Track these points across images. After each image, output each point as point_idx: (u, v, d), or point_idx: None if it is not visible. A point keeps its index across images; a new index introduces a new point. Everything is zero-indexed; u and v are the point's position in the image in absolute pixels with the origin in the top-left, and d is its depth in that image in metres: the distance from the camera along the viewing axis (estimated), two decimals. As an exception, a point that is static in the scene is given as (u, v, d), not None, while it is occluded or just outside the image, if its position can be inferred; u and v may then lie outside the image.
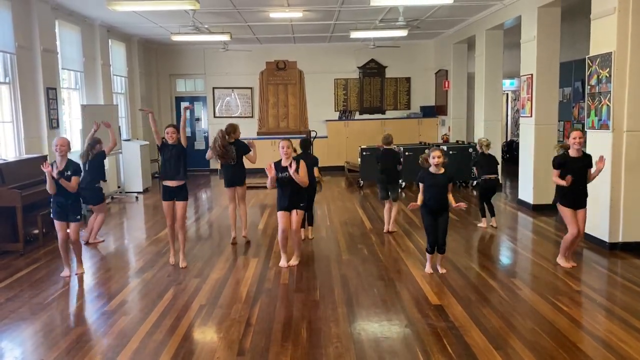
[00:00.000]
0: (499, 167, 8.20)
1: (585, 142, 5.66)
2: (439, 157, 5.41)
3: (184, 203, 6.03)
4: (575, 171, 5.42)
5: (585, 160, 5.57)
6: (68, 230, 5.68)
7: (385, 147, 7.41)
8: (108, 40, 11.41)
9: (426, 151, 5.65)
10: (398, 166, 7.41)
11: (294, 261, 5.96)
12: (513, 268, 5.97)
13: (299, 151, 6.78)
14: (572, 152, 5.51)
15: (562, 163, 5.54)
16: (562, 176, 5.47)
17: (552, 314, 4.46)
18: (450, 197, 5.50)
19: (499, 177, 7.90)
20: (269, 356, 3.81)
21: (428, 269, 5.65)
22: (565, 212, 5.61)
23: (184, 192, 6.01)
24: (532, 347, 3.86)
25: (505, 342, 3.97)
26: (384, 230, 7.47)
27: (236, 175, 7.03)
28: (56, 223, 5.67)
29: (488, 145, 7.69)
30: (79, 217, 5.70)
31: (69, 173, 5.50)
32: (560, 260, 5.77)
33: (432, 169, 5.47)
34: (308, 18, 10.70)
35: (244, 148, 7.04)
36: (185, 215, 6.05)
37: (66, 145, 5.58)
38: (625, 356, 3.72)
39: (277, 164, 5.79)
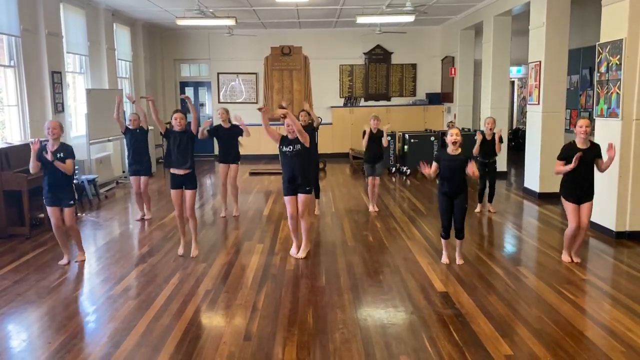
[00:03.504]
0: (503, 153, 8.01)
1: (592, 130, 5.46)
2: (457, 135, 5.22)
3: (192, 191, 5.83)
4: (581, 162, 5.11)
5: (593, 150, 5.23)
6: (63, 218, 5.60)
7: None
8: (113, 24, 11.34)
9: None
10: (383, 139, 7.67)
11: (302, 253, 5.75)
12: (518, 256, 5.96)
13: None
14: (579, 142, 5.20)
15: (567, 154, 5.20)
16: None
17: (558, 302, 4.46)
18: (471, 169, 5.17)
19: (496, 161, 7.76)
20: (276, 341, 3.82)
21: (444, 259, 5.52)
22: (567, 206, 5.34)
23: (193, 180, 5.82)
24: (538, 335, 3.86)
25: (512, 329, 3.97)
26: (371, 210, 7.94)
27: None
28: (48, 209, 5.58)
29: (490, 129, 7.55)
30: (71, 202, 5.57)
31: (61, 155, 5.42)
32: (564, 256, 5.56)
33: (449, 150, 5.28)
34: (314, 3, 10.60)
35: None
36: (194, 203, 5.89)
37: (58, 128, 5.45)
38: (631, 344, 3.72)
39: (284, 138, 5.62)
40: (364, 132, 7.67)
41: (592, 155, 5.23)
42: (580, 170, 5.16)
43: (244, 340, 3.85)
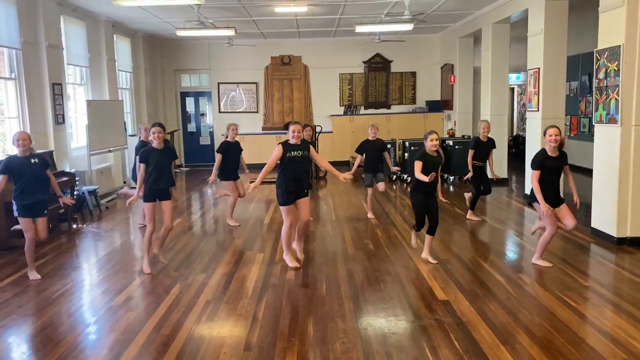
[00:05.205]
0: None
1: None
2: (436, 140, 5.60)
3: (170, 201, 5.73)
4: (552, 170, 5.32)
5: (561, 159, 5.38)
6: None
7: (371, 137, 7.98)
8: (113, 36, 11.41)
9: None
10: (384, 154, 7.99)
11: (301, 256, 5.94)
12: (520, 263, 5.93)
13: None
14: (549, 150, 5.28)
15: (542, 163, 5.28)
16: (542, 178, 5.27)
17: (559, 309, 4.44)
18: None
19: (487, 165, 7.66)
20: (276, 351, 3.80)
21: (414, 243, 6.12)
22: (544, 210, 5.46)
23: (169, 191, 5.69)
24: (539, 342, 3.85)
25: (513, 337, 3.95)
26: (370, 217, 8.05)
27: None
28: (24, 221, 5.44)
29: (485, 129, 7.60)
30: (46, 211, 5.59)
31: (36, 160, 5.42)
32: (538, 261, 5.60)
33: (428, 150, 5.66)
34: (313, 12, 10.66)
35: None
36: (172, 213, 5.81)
37: (28, 140, 5.40)
38: (633, 351, 3.70)
39: (286, 144, 5.64)
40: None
41: (560, 163, 5.40)
42: (551, 177, 5.34)
43: (244, 350, 3.84)
